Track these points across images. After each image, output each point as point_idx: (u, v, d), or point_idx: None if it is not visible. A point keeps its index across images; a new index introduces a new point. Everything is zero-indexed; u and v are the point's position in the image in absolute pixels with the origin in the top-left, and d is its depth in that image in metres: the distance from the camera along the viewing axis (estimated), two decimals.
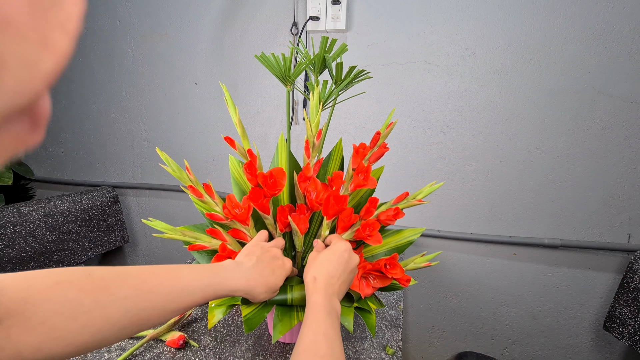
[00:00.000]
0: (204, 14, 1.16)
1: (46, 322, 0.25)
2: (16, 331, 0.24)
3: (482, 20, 0.93)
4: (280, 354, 0.61)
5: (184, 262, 1.01)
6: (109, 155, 1.42)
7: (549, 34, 0.90)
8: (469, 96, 0.99)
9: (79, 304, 0.27)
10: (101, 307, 0.28)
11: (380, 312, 0.77)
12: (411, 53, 1.01)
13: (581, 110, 0.92)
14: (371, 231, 0.52)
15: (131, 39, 1.27)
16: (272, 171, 0.51)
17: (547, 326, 1.07)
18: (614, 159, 0.92)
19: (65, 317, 0.26)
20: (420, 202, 0.55)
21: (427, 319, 1.19)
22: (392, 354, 0.62)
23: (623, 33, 0.85)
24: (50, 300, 0.26)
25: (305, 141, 0.54)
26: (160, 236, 0.51)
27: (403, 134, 1.06)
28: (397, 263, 0.49)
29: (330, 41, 0.58)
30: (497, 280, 1.08)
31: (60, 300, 0.27)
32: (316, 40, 1.04)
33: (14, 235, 1.01)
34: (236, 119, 0.56)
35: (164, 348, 0.61)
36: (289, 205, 0.58)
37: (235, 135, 1.16)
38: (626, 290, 0.91)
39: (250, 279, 0.42)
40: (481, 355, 1.07)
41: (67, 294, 0.27)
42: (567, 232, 0.99)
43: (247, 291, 0.42)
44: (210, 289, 0.37)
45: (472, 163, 1.03)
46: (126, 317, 0.30)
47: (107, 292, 0.29)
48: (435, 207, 1.08)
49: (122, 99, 1.33)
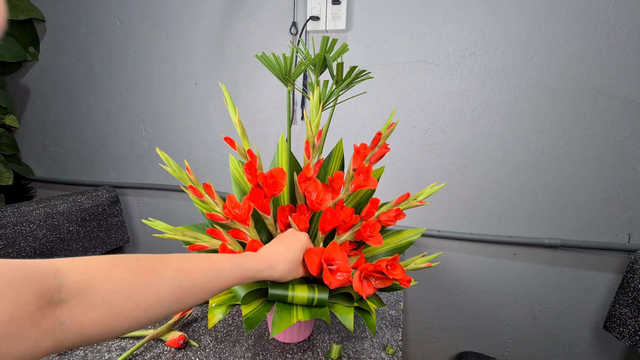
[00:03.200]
0: (204, 14, 1.16)
1: (106, 301, 0.29)
2: (80, 309, 0.27)
3: (482, 20, 0.93)
4: (281, 354, 0.61)
5: None
6: (109, 155, 1.42)
7: (549, 34, 0.90)
8: (469, 96, 0.99)
9: (133, 284, 0.31)
10: (151, 286, 0.32)
11: (380, 312, 0.77)
12: (411, 53, 1.01)
13: (581, 110, 0.92)
14: (372, 232, 0.52)
15: (131, 39, 1.26)
16: (272, 171, 0.51)
17: (547, 326, 1.07)
18: (614, 159, 0.92)
19: (122, 295, 0.30)
20: (421, 203, 0.55)
21: (427, 319, 1.19)
22: (392, 354, 0.62)
23: (623, 33, 0.85)
24: (108, 282, 0.29)
25: (306, 141, 0.54)
26: (160, 236, 0.51)
27: (403, 134, 1.06)
28: (398, 264, 0.49)
29: (331, 41, 0.58)
30: (497, 280, 1.08)
31: (117, 281, 0.30)
32: (316, 40, 1.04)
33: (14, 235, 1.01)
34: (236, 119, 0.56)
35: (164, 348, 0.61)
36: (289, 206, 0.58)
37: (235, 135, 1.16)
38: (626, 290, 0.91)
39: (269, 257, 0.46)
40: (481, 355, 1.07)
41: (122, 276, 0.31)
42: (567, 232, 0.99)
43: (270, 266, 0.45)
44: (238, 268, 0.41)
45: (472, 163, 1.03)
46: (173, 295, 0.34)
47: (156, 273, 0.33)
48: (436, 207, 1.08)
49: (122, 99, 1.33)
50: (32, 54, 1.39)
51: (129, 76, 1.30)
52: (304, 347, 0.63)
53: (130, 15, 1.25)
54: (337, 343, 0.65)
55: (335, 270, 0.50)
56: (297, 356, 0.61)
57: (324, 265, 0.49)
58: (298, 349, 0.63)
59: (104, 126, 1.39)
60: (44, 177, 1.53)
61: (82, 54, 1.34)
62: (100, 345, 0.61)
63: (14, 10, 1.25)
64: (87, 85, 1.37)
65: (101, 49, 1.31)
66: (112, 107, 1.36)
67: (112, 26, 1.28)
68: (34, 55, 1.39)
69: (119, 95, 1.34)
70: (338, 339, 0.66)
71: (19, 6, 1.27)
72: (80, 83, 1.37)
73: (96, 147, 1.43)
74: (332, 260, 0.50)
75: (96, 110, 1.38)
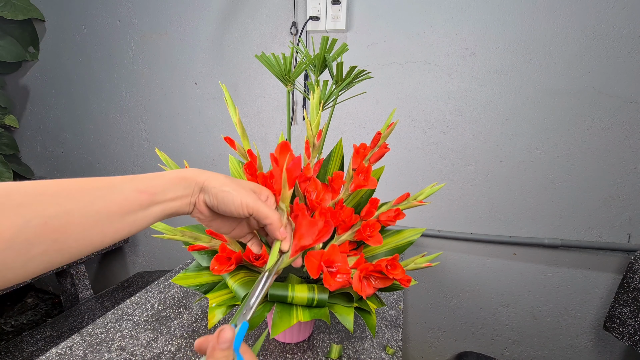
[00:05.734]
0: (204, 14, 1.16)
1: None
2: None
3: (482, 20, 0.93)
4: (281, 354, 0.61)
5: (184, 262, 1.01)
6: (109, 155, 1.42)
7: (549, 34, 0.90)
8: (469, 96, 0.99)
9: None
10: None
11: (380, 312, 0.77)
12: (411, 53, 1.01)
13: (581, 110, 0.92)
14: (372, 232, 0.52)
15: (131, 39, 1.27)
16: (272, 171, 0.51)
17: (547, 326, 1.07)
18: (614, 159, 0.92)
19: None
20: (421, 203, 0.55)
21: (427, 319, 1.19)
22: (392, 354, 0.62)
23: (623, 33, 0.85)
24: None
25: (306, 141, 0.54)
26: (160, 237, 0.51)
27: (403, 134, 1.06)
28: (398, 264, 0.49)
29: (331, 41, 0.58)
30: (497, 280, 1.08)
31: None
32: (316, 40, 1.04)
33: None
34: (236, 119, 0.56)
35: (164, 348, 0.61)
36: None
37: (235, 135, 1.16)
38: (626, 290, 0.91)
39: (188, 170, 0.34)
40: (481, 355, 1.07)
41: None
42: (567, 232, 0.99)
43: (193, 174, 0.33)
44: (138, 183, 0.29)
45: (472, 163, 1.03)
46: (28, 230, 0.23)
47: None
48: (436, 207, 1.08)
49: (122, 99, 1.33)
50: (32, 54, 1.39)
51: (129, 76, 1.30)
52: (304, 347, 0.63)
53: (130, 15, 1.25)
54: (337, 343, 0.65)
55: (335, 272, 0.49)
56: (297, 356, 0.61)
57: (323, 268, 0.49)
58: (298, 349, 0.63)
59: (104, 126, 1.39)
60: (44, 177, 1.53)
61: (82, 54, 1.34)
62: (100, 345, 0.61)
63: (14, 10, 1.25)
64: (87, 85, 1.37)
65: (101, 49, 1.31)
66: (112, 107, 1.36)
67: (112, 26, 1.28)
68: (34, 55, 1.39)
69: (119, 95, 1.34)
70: (338, 339, 0.66)
71: (19, 6, 1.27)
72: (80, 83, 1.37)
73: (96, 147, 1.42)
74: (332, 263, 0.50)
75: (96, 110, 1.38)
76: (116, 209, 0.27)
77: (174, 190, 0.32)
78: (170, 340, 0.64)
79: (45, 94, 1.44)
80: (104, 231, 0.27)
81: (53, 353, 0.58)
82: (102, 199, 0.27)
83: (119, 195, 0.28)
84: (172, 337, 0.64)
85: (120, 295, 1.20)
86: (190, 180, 0.33)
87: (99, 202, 0.26)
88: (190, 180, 0.33)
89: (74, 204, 0.25)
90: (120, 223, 0.28)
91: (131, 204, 0.28)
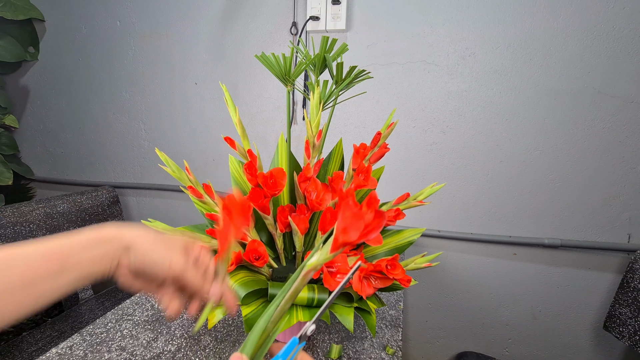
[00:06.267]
0: (204, 14, 1.16)
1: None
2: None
3: (482, 20, 0.93)
4: None
5: None
6: (109, 155, 1.42)
7: (549, 34, 0.90)
8: (469, 96, 0.99)
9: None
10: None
11: (380, 312, 0.77)
12: (411, 53, 1.01)
13: (581, 110, 0.92)
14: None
15: (131, 39, 1.26)
16: (272, 171, 0.51)
17: (547, 326, 1.07)
18: (614, 159, 0.92)
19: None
20: (421, 203, 0.55)
21: (427, 319, 1.19)
22: (392, 354, 0.62)
23: (623, 33, 0.85)
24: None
25: (306, 141, 0.54)
26: None
27: (403, 134, 1.06)
28: (398, 264, 0.49)
29: (331, 41, 0.58)
30: (497, 280, 1.08)
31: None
32: (316, 40, 1.04)
33: (14, 235, 1.01)
34: (236, 119, 0.56)
35: (164, 348, 0.61)
36: (289, 206, 0.58)
37: (235, 135, 1.16)
38: (626, 290, 0.91)
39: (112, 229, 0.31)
40: (481, 355, 1.07)
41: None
42: (567, 232, 0.99)
43: (128, 236, 0.31)
44: (51, 243, 0.27)
45: (472, 163, 1.03)
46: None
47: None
48: (436, 207, 1.08)
49: (122, 99, 1.33)
50: (32, 54, 1.39)
51: (129, 76, 1.30)
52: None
53: (130, 15, 1.25)
54: (337, 343, 0.65)
55: (335, 272, 0.49)
56: None
57: (324, 268, 0.49)
58: None
59: (104, 126, 1.39)
60: (43, 177, 1.53)
61: (82, 54, 1.34)
62: (100, 345, 0.61)
63: (14, 10, 1.25)
64: (87, 85, 1.37)
65: (101, 49, 1.31)
66: (112, 107, 1.36)
67: (112, 26, 1.28)
68: (34, 55, 1.39)
69: (119, 95, 1.33)
70: (338, 339, 0.66)
71: (19, 6, 1.27)
72: (80, 83, 1.37)
73: (96, 147, 1.42)
74: (332, 263, 0.50)
75: (96, 110, 1.38)
76: (16, 280, 0.25)
77: (90, 250, 0.29)
78: (170, 340, 0.64)
79: (45, 94, 1.44)
80: (2, 306, 0.24)
81: (53, 353, 0.58)
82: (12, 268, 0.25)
83: (21, 263, 0.25)
84: (172, 337, 0.64)
85: (120, 295, 1.20)
86: (111, 238, 0.31)
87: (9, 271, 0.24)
88: (112, 239, 0.31)
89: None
90: (23, 296, 0.25)
91: (35, 272, 0.26)
